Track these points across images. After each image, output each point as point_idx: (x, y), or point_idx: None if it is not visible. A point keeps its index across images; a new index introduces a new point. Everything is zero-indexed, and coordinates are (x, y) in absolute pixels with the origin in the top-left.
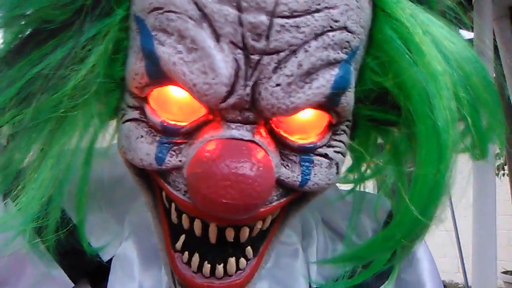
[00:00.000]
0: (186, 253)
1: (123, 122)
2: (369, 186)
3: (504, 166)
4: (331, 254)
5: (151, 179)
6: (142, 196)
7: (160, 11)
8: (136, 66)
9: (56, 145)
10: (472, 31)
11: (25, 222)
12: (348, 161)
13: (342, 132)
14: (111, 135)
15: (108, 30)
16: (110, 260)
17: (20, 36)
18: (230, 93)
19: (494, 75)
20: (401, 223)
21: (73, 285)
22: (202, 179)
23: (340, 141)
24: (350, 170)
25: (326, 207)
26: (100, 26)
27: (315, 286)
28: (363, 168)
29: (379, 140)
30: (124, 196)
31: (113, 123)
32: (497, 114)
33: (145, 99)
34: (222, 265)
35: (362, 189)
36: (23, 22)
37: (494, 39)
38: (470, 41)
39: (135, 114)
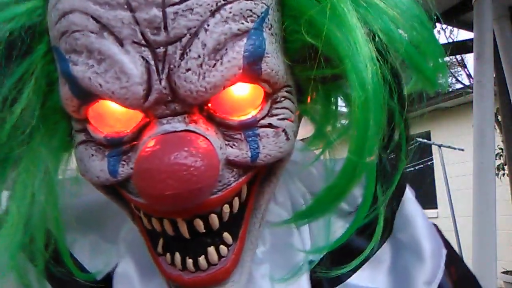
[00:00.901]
0: (168, 254)
1: (76, 148)
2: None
3: (504, 166)
4: (323, 225)
5: (117, 192)
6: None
7: (67, 34)
8: (63, 91)
9: (17, 186)
10: (472, 31)
11: (11, 256)
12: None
13: (283, 99)
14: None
15: (34, 67)
16: (105, 279)
17: None
18: (148, 90)
19: (494, 75)
20: (343, 170)
21: None
22: (142, 179)
23: (283, 108)
24: (316, 136)
25: (310, 179)
26: (25, 66)
27: (311, 258)
28: (328, 131)
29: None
30: (113, 216)
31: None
32: (428, 38)
33: (86, 120)
34: (203, 257)
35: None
36: None
37: (494, 39)
38: (470, 41)
39: (82, 136)
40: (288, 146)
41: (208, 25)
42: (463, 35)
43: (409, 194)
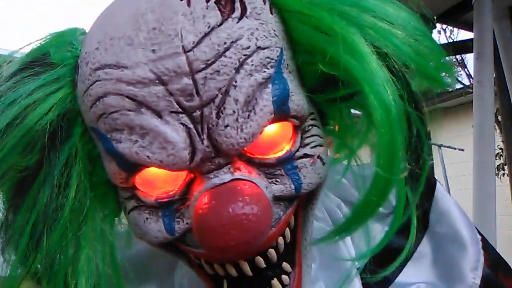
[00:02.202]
0: None
1: (128, 214)
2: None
3: (504, 166)
4: (363, 231)
5: (174, 246)
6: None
7: (105, 116)
8: (110, 167)
9: (82, 262)
10: (472, 31)
11: None
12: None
13: (311, 127)
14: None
15: (75, 149)
16: None
17: (11, 186)
18: (193, 152)
19: (494, 75)
20: (374, 187)
21: None
22: (206, 235)
23: (312, 135)
24: (338, 149)
25: (342, 187)
26: (67, 150)
27: (358, 266)
28: (349, 142)
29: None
30: (164, 262)
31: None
32: (432, 47)
33: (133, 187)
34: None
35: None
36: (6, 178)
37: (494, 39)
38: (470, 41)
39: (132, 203)
40: (325, 170)
41: (236, 82)
42: (463, 35)
43: (440, 188)
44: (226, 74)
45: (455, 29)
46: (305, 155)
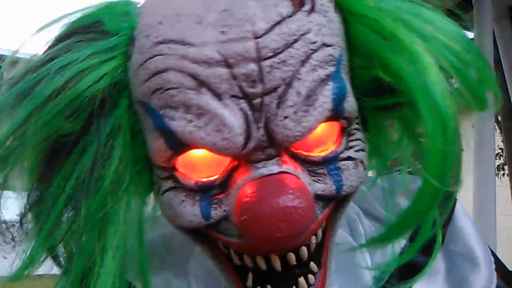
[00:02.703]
0: None
1: (162, 194)
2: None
3: (504, 166)
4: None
5: (203, 232)
6: (196, 246)
7: (160, 91)
8: (156, 144)
9: (111, 236)
10: (472, 31)
11: None
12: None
13: (355, 131)
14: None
15: (120, 121)
16: None
17: (46, 154)
18: (247, 139)
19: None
20: (423, 196)
21: None
22: (252, 224)
23: (356, 139)
24: (370, 156)
25: (364, 198)
26: (112, 121)
27: (374, 275)
28: (383, 151)
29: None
30: (178, 251)
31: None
32: (484, 67)
33: (173, 168)
34: (294, 287)
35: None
36: (45, 143)
37: (494, 39)
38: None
39: (169, 183)
40: (365, 175)
41: (300, 74)
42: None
43: (458, 206)
44: (292, 66)
45: None
46: (349, 158)
